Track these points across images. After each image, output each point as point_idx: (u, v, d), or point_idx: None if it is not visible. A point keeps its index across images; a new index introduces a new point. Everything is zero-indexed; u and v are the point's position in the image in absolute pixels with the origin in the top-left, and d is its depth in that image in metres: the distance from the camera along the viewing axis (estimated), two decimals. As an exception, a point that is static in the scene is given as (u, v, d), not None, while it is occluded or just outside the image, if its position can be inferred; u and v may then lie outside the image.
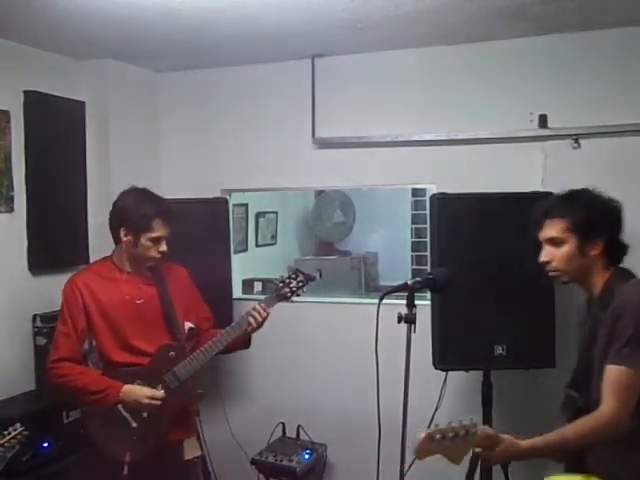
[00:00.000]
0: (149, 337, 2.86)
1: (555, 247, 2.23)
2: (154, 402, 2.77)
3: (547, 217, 2.26)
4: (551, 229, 2.24)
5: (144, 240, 2.79)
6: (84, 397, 2.78)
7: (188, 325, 2.97)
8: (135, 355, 2.83)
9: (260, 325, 2.93)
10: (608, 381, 2.05)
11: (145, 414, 2.79)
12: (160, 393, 2.79)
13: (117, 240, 2.87)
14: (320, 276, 3.07)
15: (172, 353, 2.85)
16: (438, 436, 1.82)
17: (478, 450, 1.93)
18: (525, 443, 2.02)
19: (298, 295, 3.00)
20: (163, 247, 2.83)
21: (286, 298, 2.98)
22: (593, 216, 2.21)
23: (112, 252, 2.94)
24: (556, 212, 2.24)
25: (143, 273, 2.91)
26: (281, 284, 2.98)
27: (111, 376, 2.80)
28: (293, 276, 3.01)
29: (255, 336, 3.15)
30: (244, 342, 3.05)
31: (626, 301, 2.08)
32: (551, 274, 2.28)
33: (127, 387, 2.76)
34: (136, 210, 2.80)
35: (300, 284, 2.99)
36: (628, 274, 2.24)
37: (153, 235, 2.79)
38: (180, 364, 2.84)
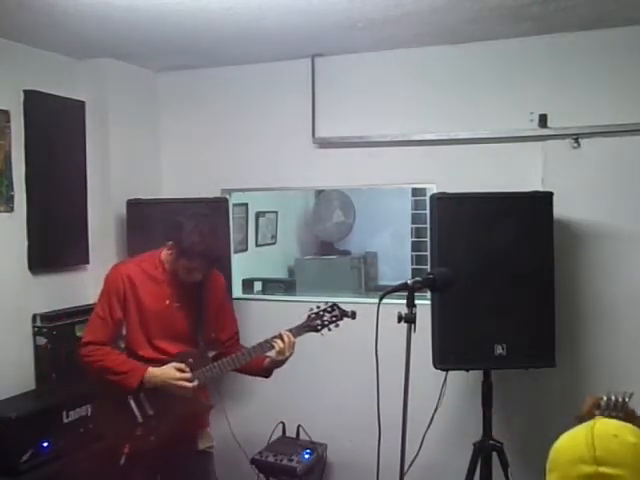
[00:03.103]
0: (175, 340, 2.91)
1: None
2: (184, 383, 2.80)
3: None
4: None
5: (181, 264, 2.83)
6: (109, 377, 2.82)
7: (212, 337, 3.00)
8: (159, 353, 2.88)
9: (285, 356, 2.89)
10: None
11: (152, 412, 2.83)
12: (189, 375, 2.82)
13: (164, 242, 2.90)
14: (354, 317, 2.94)
15: (191, 360, 2.89)
16: (604, 403, 1.84)
17: None
18: None
19: (329, 330, 2.94)
20: (197, 277, 2.86)
21: (316, 330, 2.94)
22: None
23: (161, 249, 2.93)
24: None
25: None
26: (314, 315, 2.95)
27: None
28: (329, 309, 2.96)
29: (255, 335, 3.15)
30: (265, 370, 3.01)
31: None
32: None
33: (155, 369, 2.81)
34: (189, 237, 2.78)
35: (334, 319, 2.94)
36: None
37: (190, 266, 2.82)
38: (196, 372, 2.87)
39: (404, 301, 2.28)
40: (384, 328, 2.28)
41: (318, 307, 2.97)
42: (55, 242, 3.66)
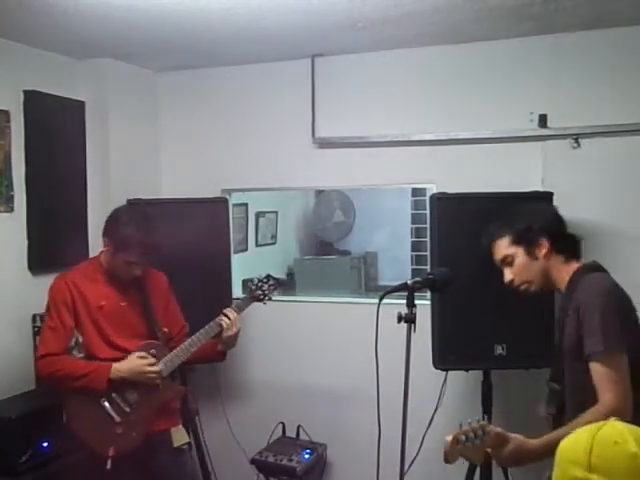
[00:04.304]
0: (132, 336, 2.95)
1: (510, 265, 2.37)
2: (151, 368, 2.85)
3: (491, 242, 2.41)
4: (498, 251, 2.40)
5: (119, 258, 2.86)
6: (74, 383, 2.81)
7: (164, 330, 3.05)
8: (119, 352, 2.90)
9: (233, 332, 2.99)
10: (597, 378, 2.07)
11: (128, 409, 2.85)
12: (154, 360, 2.88)
13: (103, 244, 2.95)
14: (287, 279, 3.28)
15: (153, 350, 2.93)
16: (462, 437, 1.84)
17: (488, 450, 1.94)
18: (535, 442, 2.02)
19: (270, 299, 3.16)
20: (136, 272, 2.90)
21: (259, 300, 3.14)
22: (524, 221, 2.34)
23: (100, 252, 3.00)
24: (495, 234, 2.40)
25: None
26: (254, 287, 3.14)
27: None
28: (265, 279, 3.17)
29: (255, 335, 3.15)
30: (218, 353, 3.11)
31: (589, 293, 2.15)
32: (520, 289, 2.39)
33: (119, 363, 2.83)
34: (121, 229, 2.85)
35: (272, 287, 3.16)
36: (595, 267, 2.32)
37: (128, 259, 2.85)
38: (161, 360, 2.91)
39: (404, 301, 2.29)
40: (384, 328, 2.28)
41: (254, 280, 3.18)
42: (55, 242, 3.65)
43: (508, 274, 2.38)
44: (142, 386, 2.87)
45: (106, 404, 2.84)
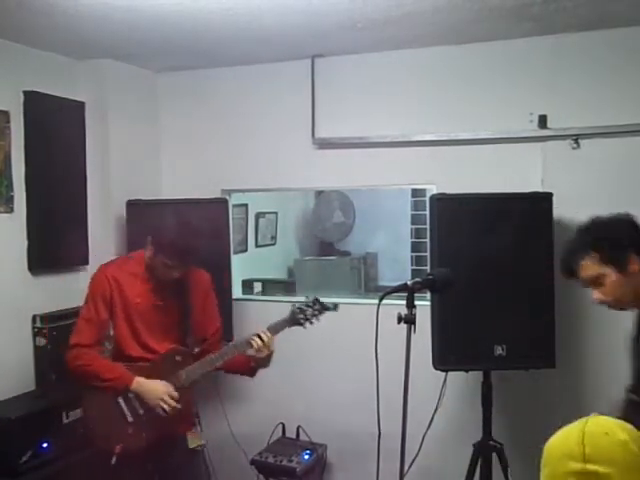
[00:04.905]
0: (162, 338, 2.94)
1: (599, 285, 2.20)
2: (170, 401, 2.83)
3: (577, 262, 2.21)
4: (587, 270, 2.20)
5: (159, 260, 2.85)
6: (96, 382, 2.84)
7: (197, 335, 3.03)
8: (147, 352, 2.91)
9: (264, 354, 2.93)
10: None
11: (142, 411, 2.84)
12: (176, 394, 2.85)
13: (146, 242, 2.92)
14: (336, 308, 3.06)
15: (178, 357, 2.92)
16: None
17: None
18: None
19: (311, 323, 3.01)
20: (174, 275, 2.89)
21: (299, 324, 3.00)
22: (614, 237, 2.18)
23: (146, 247, 2.94)
24: (581, 253, 2.20)
25: None
26: (297, 310, 3.00)
27: None
28: (310, 304, 3.02)
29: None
30: (249, 369, 3.06)
31: None
32: (611, 309, 2.25)
33: (142, 379, 2.83)
34: (163, 232, 2.87)
35: (316, 312, 3.01)
36: None
37: (167, 262, 2.84)
38: (183, 370, 2.90)
39: (404, 302, 2.28)
40: (384, 329, 2.28)
41: (299, 303, 3.03)
42: (55, 242, 3.65)
43: (599, 295, 2.22)
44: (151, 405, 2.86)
45: (122, 402, 2.84)
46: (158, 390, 2.83)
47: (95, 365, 2.84)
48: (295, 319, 2.99)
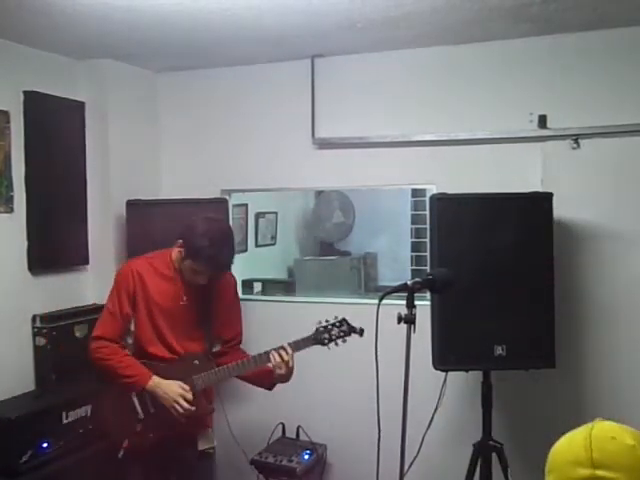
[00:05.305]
0: (183, 338, 2.95)
1: None
2: (184, 404, 2.82)
3: None
4: None
5: (187, 264, 2.86)
6: (114, 377, 2.86)
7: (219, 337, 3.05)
8: (168, 351, 2.92)
9: (282, 371, 2.92)
10: None
11: (153, 409, 2.85)
12: (190, 396, 2.85)
13: (177, 242, 2.92)
14: (362, 334, 2.89)
15: (196, 362, 2.93)
16: None
17: None
18: None
19: (336, 345, 2.95)
20: (201, 281, 2.89)
21: (323, 344, 2.95)
22: None
23: (174, 245, 2.94)
24: None
25: None
26: (322, 328, 2.97)
27: None
28: (337, 324, 2.97)
29: (255, 336, 3.15)
30: (268, 382, 3.06)
31: None
32: None
33: (159, 379, 2.84)
34: (199, 240, 2.80)
35: (342, 334, 2.95)
36: None
37: (195, 268, 2.84)
38: (200, 374, 2.90)
39: (404, 302, 2.28)
40: (384, 329, 2.28)
41: (327, 321, 2.98)
42: (55, 243, 3.65)
43: None
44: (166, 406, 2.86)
45: (135, 399, 2.86)
46: (174, 392, 2.83)
47: (115, 360, 2.85)
48: (319, 339, 2.95)
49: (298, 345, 2.95)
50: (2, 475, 2.95)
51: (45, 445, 3.12)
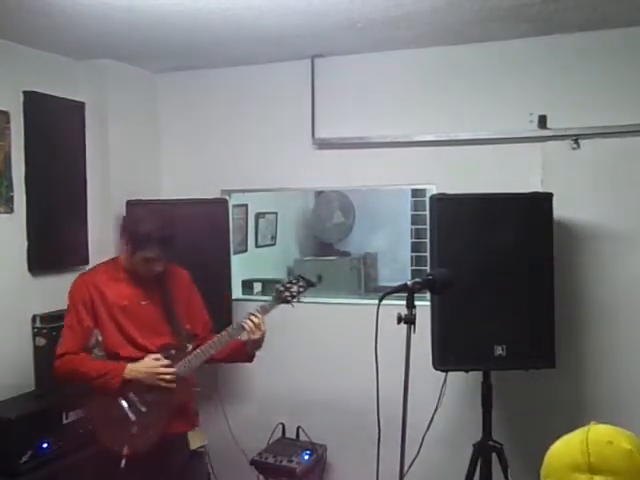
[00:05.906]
0: (152, 335, 2.95)
1: None
2: (165, 370, 2.84)
3: None
4: None
5: (138, 256, 2.88)
6: (90, 383, 2.85)
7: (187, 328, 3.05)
8: (140, 350, 2.92)
9: (257, 335, 2.97)
10: None
11: (144, 408, 2.85)
12: (167, 361, 2.88)
13: (122, 244, 2.97)
14: (320, 280, 3.14)
15: (173, 351, 2.94)
16: None
17: None
18: None
19: (298, 300, 3.08)
20: (156, 269, 2.92)
21: (287, 302, 3.06)
22: None
23: (121, 252, 3.01)
24: None
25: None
26: (282, 288, 3.06)
27: None
28: (294, 280, 3.10)
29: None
30: (246, 354, 3.09)
31: None
32: None
33: (132, 364, 2.85)
34: (137, 227, 2.89)
35: (301, 289, 3.08)
36: None
37: (146, 256, 2.87)
38: (180, 362, 2.92)
39: (404, 302, 2.28)
40: (384, 329, 2.28)
41: (283, 281, 3.12)
42: (55, 243, 3.65)
43: None
44: (159, 387, 2.87)
45: (124, 403, 2.85)
46: (150, 365, 2.85)
47: (85, 367, 2.85)
48: (282, 297, 3.05)
49: (265, 308, 3.02)
50: (2, 475, 2.95)
51: (45, 445, 3.11)
